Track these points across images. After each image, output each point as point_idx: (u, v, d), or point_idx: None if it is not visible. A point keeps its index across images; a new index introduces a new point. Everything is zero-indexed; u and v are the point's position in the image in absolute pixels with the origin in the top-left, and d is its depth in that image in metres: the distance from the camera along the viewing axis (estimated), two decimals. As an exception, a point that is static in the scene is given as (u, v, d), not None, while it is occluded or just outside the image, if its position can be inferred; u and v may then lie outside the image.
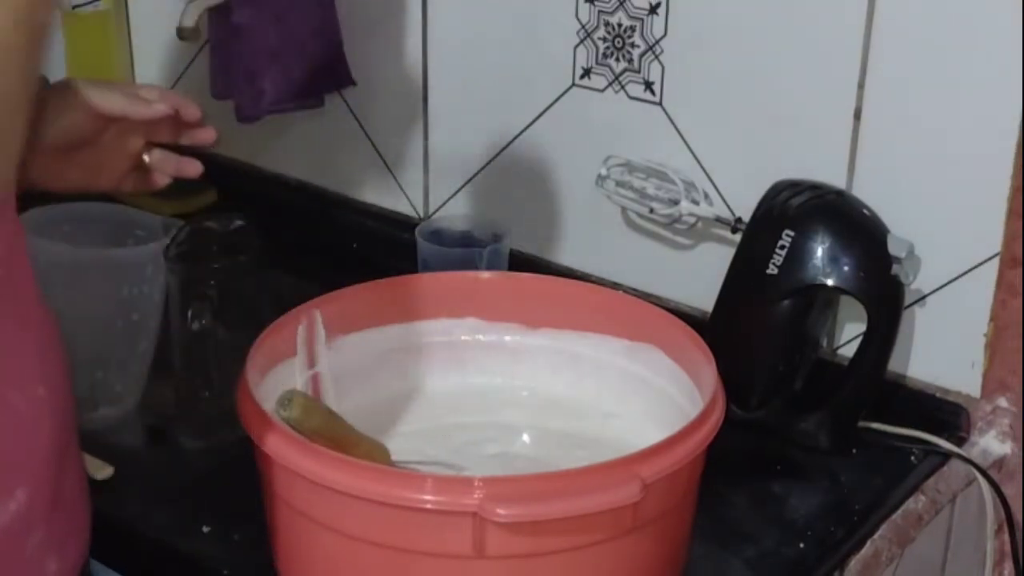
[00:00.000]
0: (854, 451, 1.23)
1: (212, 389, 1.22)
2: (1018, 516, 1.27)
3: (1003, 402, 1.26)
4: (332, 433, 0.95)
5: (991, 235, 1.21)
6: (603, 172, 1.36)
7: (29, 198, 1.32)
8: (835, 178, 1.26)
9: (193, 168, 1.11)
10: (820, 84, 1.26)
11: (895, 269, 1.19)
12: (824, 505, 1.18)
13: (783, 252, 1.20)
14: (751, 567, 1.08)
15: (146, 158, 1.11)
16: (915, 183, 1.23)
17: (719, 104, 1.33)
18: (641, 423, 1.10)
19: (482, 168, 1.53)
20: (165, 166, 1.13)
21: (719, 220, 1.31)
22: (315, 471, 0.90)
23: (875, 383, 1.23)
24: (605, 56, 1.38)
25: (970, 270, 1.23)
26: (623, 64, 1.37)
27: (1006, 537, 1.28)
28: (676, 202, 1.32)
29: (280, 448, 0.92)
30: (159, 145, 1.12)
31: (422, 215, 1.60)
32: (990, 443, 1.28)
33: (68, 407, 0.95)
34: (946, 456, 1.23)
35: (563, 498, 0.87)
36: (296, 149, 1.69)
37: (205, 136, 1.13)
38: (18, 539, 0.90)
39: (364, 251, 1.62)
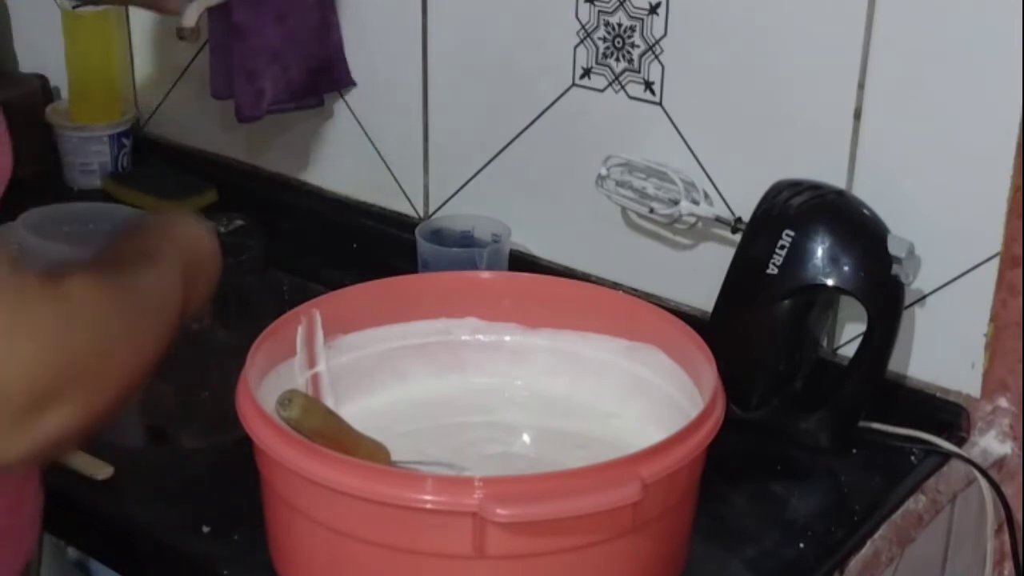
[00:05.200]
0: (854, 451, 1.23)
1: (212, 389, 1.22)
2: (1018, 516, 1.27)
3: (1003, 402, 1.26)
4: (332, 433, 0.95)
5: (991, 235, 1.21)
6: (603, 172, 1.36)
7: (29, 198, 1.33)
8: (835, 178, 1.25)
9: None
10: (820, 84, 1.26)
11: (895, 269, 1.19)
12: (824, 505, 1.18)
13: (783, 252, 1.20)
14: (751, 567, 1.08)
15: None
16: (915, 183, 1.23)
17: (719, 104, 1.33)
18: (641, 423, 1.10)
19: (482, 168, 1.53)
20: None
21: (719, 220, 1.31)
22: (315, 471, 0.90)
23: (875, 383, 1.23)
24: (605, 56, 1.38)
25: (970, 270, 1.22)
26: (623, 64, 1.37)
27: (1006, 537, 1.28)
28: (676, 202, 1.32)
29: (280, 448, 0.92)
30: None
31: (422, 215, 1.60)
32: (990, 443, 1.28)
33: None
34: (946, 456, 1.23)
35: (563, 498, 0.87)
36: (296, 149, 1.69)
37: None
38: None
39: (364, 251, 1.61)
